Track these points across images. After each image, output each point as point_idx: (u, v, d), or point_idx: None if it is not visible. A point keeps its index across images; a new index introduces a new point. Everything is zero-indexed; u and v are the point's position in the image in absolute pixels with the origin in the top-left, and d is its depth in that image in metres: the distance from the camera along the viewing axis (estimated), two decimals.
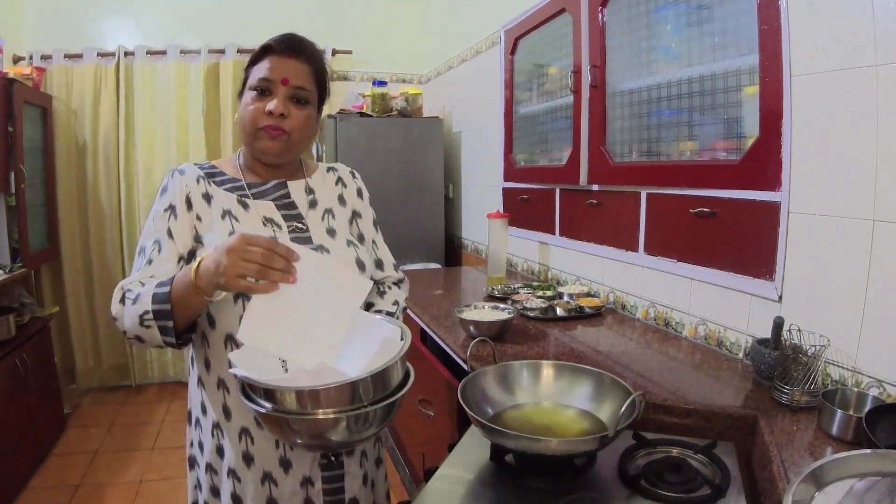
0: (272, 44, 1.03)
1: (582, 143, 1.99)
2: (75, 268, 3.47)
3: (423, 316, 1.93)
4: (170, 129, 3.50)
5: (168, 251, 1.01)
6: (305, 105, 1.05)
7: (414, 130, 3.31)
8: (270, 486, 1.04)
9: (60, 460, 2.73)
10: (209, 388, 1.05)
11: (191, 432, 1.13)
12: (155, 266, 1.00)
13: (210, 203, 1.05)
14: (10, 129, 2.69)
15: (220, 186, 1.08)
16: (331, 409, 0.79)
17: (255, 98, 1.02)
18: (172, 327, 0.91)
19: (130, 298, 0.94)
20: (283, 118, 1.01)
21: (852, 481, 0.71)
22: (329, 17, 3.80)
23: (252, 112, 1.02)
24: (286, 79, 1.01)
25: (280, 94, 1.01)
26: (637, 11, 1.72)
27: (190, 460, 1.14)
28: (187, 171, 1.08)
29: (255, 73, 1.03)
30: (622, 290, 1.93)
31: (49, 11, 3.43)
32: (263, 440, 1.03)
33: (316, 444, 0.91)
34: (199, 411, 1.09)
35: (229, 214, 1.04)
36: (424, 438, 1.90)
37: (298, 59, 1.04)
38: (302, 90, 1.04)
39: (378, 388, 0.83)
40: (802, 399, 1.11)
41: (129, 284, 0.97)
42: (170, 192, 1.06)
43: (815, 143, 1.22)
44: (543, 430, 0.99)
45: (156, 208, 1.06)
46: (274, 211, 1.07)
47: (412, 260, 3.30)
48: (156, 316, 0.90)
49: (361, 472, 1.11)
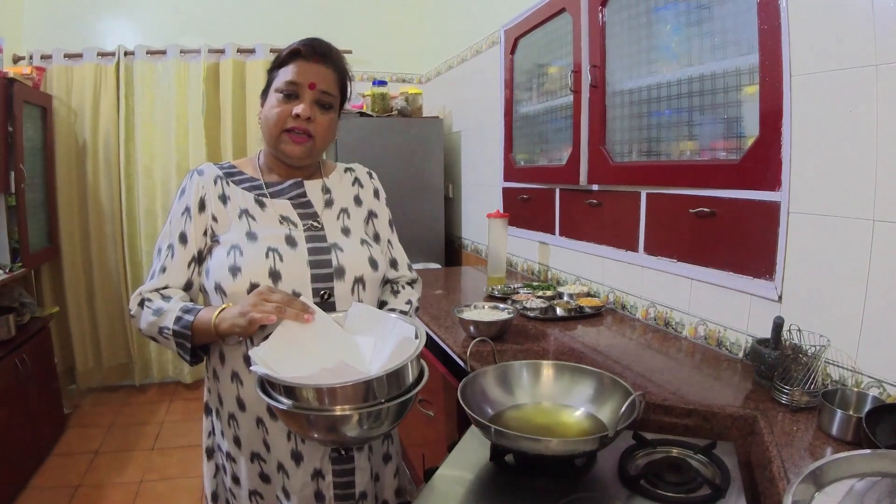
0: (300, 48, 1.06)
1: (582, 143, 1.99)
2: (75, 268, 3.46)
3: (423, 316, 1.93)
4: (170, 129, 3.50)
5: (180, 258, 1.06)
6: (329, 110, 1.08)
7: (414, 130, 3.30)
8: (283, 476, 1.06)
9: (60, 460, 2.73)
10: (223, 380, 1.08)
11: (208, 422, 1.16)
12: (168, 274, 1.06)
13: (227, 204, 1.09)
14: (10, 129, 2.69)
15: (239, 186, 1.11)
16: (347, 406, 0.81)
17: (281, 101, 1.05)
18: (189, 348, 0.99)
19: (151, 308, 1.03)
20: (308, 122, 1.05)
21: (852, 481, 0.71)
22: (329, 16, 3.79)
23: (278, 114, 1.04)
24: (313, 83, 1.05)
25: (307, 98, 1.05)
26: (637, 11, 1.72)
27: (208, 451, 1.17)
28: (206, 172, 1.11)
29: (281, 76, 1.06)
30: (622, 290, 1.93)
31: (49, 11, 3.43)
32: (276, 431, 1.06)
33: (330, 440, 0.93)
34: (216, 402, 1.12)
35: (246, 213, 1.08)
36: (424, 438, 1.90)
37: (325, 64, 1.07)
38: (327, 95, 1.07)
39: (393, 385, 0.85)
40: (802, 399, 1.11)
41: (148, 293, 1.05)
42: (187, 193, 1.09)
43: (815, 143, 1.22)
44: (543, 431, 0.99)
45: (174, 210, 1.10)
46: (290, 209, 1.10)
47: (412, 260, 3.25)
48: (175, 334, 0.99)
49: (370, 466, 1.12)
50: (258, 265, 1.01)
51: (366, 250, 1.12)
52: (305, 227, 1.09)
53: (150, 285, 1.06)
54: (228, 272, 1.01)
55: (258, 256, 1.02)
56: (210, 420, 1.15)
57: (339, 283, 1.06)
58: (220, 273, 1.02)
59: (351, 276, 1.07)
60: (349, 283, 1.07)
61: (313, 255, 1.06)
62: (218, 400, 1.11)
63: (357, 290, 1.09)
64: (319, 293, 1.04)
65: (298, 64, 1.05)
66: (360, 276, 1.09)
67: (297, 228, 1.08)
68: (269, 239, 1.04)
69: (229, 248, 1.03)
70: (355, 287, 1.08)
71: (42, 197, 3.13)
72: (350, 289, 1.07)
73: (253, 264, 1.01)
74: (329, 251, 1.07)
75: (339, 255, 1.07)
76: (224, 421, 1.10)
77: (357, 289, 1.09)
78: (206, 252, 1.08)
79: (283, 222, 1.08)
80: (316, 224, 1.10)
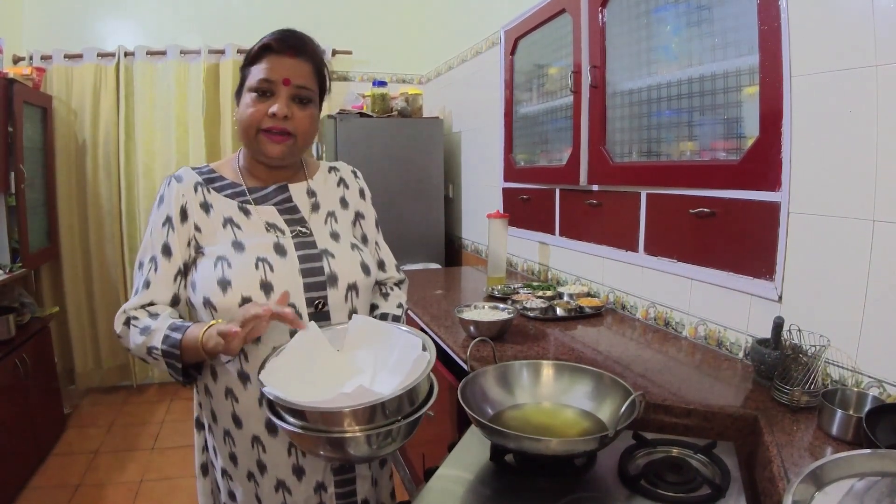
0: (271, 42, 0.99)
1: (582, 144, 1.99)
2: (75, 268, 3.46)
3: (424, 316, 1.93)
4: (170, 129, 3.49)
5: (164, 271, 1.01)
6: (308, 104, 1.02)
7: (414, 131, 3.30)
8: (284, 493, 1.03)
9: (60, 460, 2.73)
10: (216, 396, 1.04)
11: (201, 438, 1.12)
12: (153, 290, 1.01)
13: (209, 212, 1.03)
14: (10, 129, 2.69)
15: (220, 193, 1.05)
16: (361, 426, 0.80)
17: (255, 100, 0.99)
18: (180, 368, 0.95)
19: (138, 327, 0.97)
20: (286, 120, 0.99)
21: (852, 481, 0.71)
22: (329, 17, 3.79)
23: (253, 114, 0.98)
24: (288, 79, 0.98)
25: (282, 95, 0.99)
26: (637, 11, 1.72)
27: (203, 467, 1.12)
28: (185, 178, 1.05)
29: (254, 74, 0.99)
30: (622, 290, 1.93)
31: (49, 11, 3.42)
32: (275, 448, 1.02)
33: (338, 458, 0.92)
34: (209, 418, 1.07)
35: (231, 222, 1.03)
36: (424, 438, 1.90)
37: (299, 57, 1.00)
38: (304, 89, 1.01)
39: (405, 404, 0.84)
40: (802, 399, 1.11)
41: (133, 311, 1.00)
42: (166, 202, 1.03)
43: (815, 144, 1.22)
44: (543, 430, 0.99)
45: (154, 220, 1.04)
46: (276, 216, 1.05)
47: (412, 260, 3.30)
48: (164, 354, 0.94)
49: (370, 474, 1.11)
50: (248, 277, 0.96)
51: (357, 255, 1.08)
52: (293, 233, 1.04)
53: (135, 302, 1.00)
54: (217, 286, 0.96)
55: (247, 268, 0.97)
56: (203, 435, 1.12)
57: (332, 290, 1.02)
58: (208, 287, 0.97)
59: (344, 283, 1.04)
60: (343, 291, 1.04)
61: (304, 262, 1.02)
62: (211, 416, 1.06)
63: (351, 297, 1.05)
64: (313, 303, 1.01)
65: (270, 59, 0.98)
66: (353, 282, 1.05)
67: (284, 236, 1.03)
68: (256, 248, 1.00)
69: (216, 260, 0.98)
70: (349, 294, 1.05)
71: (42, 197, 3.13)
72: (344, 296, 1.04)
73: (243, 277, 0.96)
74: (320, 258, 1.03)
75: (330, 262, 1.04)
76: (219, 438, 1.06)
77: (351, 296, 1.05)
78: (190, 264, 1.03)
79: (270, 230, 1.03)
80: (304, 230, 1.05)
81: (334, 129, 3.14)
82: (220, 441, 1.06)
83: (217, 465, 1.08)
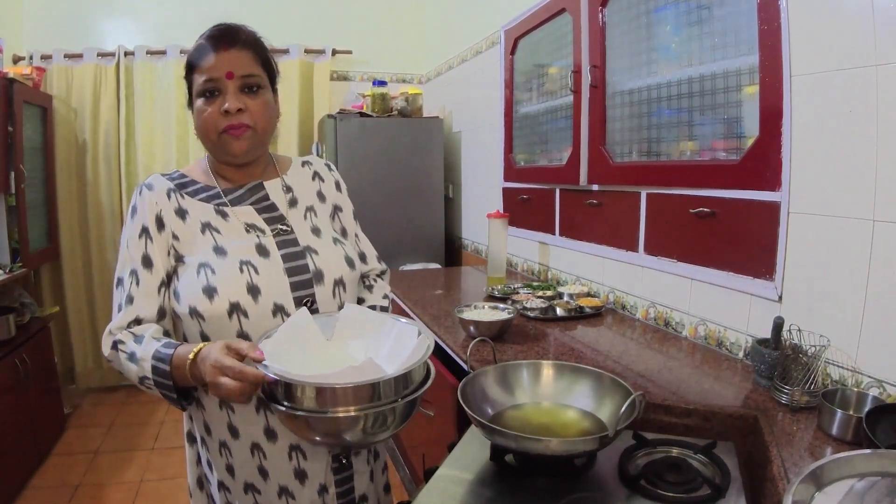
0: (203, 41, 0.98)
1: (582, 143, 1.99)
2: (75, 268, 3.46)
3: (424, 316, 1.93)
4: (170, 128, 3.49)
5: (147, 284, 0.98)
6: (259, 91, 1.00)
7: (414, 130, 3.30)
8: (288, 499, 1.02)
9: (60, 460, 2.74)
10: (209, 408, 1.02)
11: (194, 451, 1.10)
12: (137, 304, 0.97)
13: (186, 219, 1.00)
14: (10, 129, 2.69)
15: (195, 197, 1.03)
16: (354, 407, 0.79)
17: (205, 102, 0.97)
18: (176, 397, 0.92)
19: (125, 352, 0.93)
20: (241, 113, 0.97)
21: (852, 481, 0.71)
22: (329, 17, 3.79)
23: (207, 119, 0.97)
24: (230, 72, 0.96)
25: (230, 89, 0.96)
26: (637, 11, 1.72)
27: (198, 481, 1.10)
28: (156, 186, 1.03)
29: (197, 78, 0.98)
30: (622, 290, 1.93)
31: (49, 11, 3.42)
32: (276, 454, 1.00)
33: (332, 442, 0.91)
34: (202, 430, 1.05)
35: (209, 227, 1.00)
36: (424, 438, 1.90)
37: (236, 47, 0.98)
38: (250, 77, 0.98)
39: (400, 386, 0.84)
40: (802, 399, 1.11)
41: (119, 333, 0.95)
42: (139, 212, 1.00)
43: (815, 143, 1.22)
44: (543, 430, 0.99)
45: (128, 233, 1.00)
46: (255, 216, 1.03)
47: (412, 260, 3.30)
48: (157, 384, 0.90)
49: (368, 469, 1.11)
50: (234, 282, 0.94)
51: (340, 250, 1.07)
52: (274, 231, 1.02)
53: (119, 321, 0.96)
54: (203, 294, 0.94)
55: (232, 272, 0.95)
56: (195, 449, 1.09)
57: (319, 287, 1.01)
58: (193, 296, 0.94)
59: (331, 279, 1.03)
60: (329, 287, 1.02)
61: (288, 261, 1.00)
62: (204, 428, 1.03)
63: (338, 292, 1.04)
64: (302, 301, 0.99)
65: (208, 59, 0.96)
66: (339, 277, 1.04)
67: (265, 235, 1.01)
68: (239, 251, 0.98)
69: (198, 268, 0.96)
70: (336, 290, 1.03)
71: (42, 197, 3.13)
72: (332, 292, 1.03)
73: (228, 282, 0.94)
74: (304, 255, 1.02)
75: (314, 259, 1.02)
76: (213, 450, 1.03)
77: (338, 291, 1.04)
78: (172, 274, 1.00)
79: (250, 230, 1.01)
80: (284, 227, 1.04)
81: (334, 129, 3.14)
82: (215, 453, 1.03)
83: (213, 478, 1.06)
